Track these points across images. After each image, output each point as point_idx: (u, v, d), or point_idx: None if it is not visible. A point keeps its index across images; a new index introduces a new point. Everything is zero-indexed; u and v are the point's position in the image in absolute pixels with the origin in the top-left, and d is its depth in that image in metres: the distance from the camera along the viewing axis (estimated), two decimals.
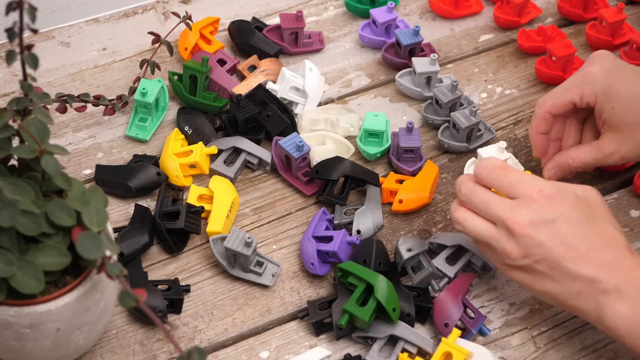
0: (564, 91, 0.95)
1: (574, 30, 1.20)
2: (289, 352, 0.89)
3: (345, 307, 0.87)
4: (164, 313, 0.88)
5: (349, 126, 1.05)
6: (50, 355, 0.80)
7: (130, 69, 1.12)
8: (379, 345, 0.88)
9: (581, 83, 0.94)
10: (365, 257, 0.92)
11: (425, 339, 0.88)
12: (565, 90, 0.95)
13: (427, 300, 0.91)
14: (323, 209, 0.97)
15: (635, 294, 0.79)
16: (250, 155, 1.02)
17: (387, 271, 0.92)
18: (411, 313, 0.89)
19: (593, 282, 0.80)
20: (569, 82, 0.95)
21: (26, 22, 0.71)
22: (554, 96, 0.95)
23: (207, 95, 1.06)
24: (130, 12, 1.19)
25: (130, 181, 0.98)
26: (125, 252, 0.93)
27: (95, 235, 0.73)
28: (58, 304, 0.75)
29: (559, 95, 0.95)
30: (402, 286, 0.91)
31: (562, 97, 0.95)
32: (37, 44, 1.12)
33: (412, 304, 0.90)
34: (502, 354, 0.89)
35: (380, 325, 0.88)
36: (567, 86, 0.95)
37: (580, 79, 0.94)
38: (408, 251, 0.92)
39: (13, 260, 0.73)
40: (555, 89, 0.96)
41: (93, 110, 1.07)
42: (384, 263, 0.92)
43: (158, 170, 0.99)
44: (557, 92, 0.95)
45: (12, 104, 0.77)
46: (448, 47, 1.17)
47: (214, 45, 1.13)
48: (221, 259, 0.93)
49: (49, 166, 0.75)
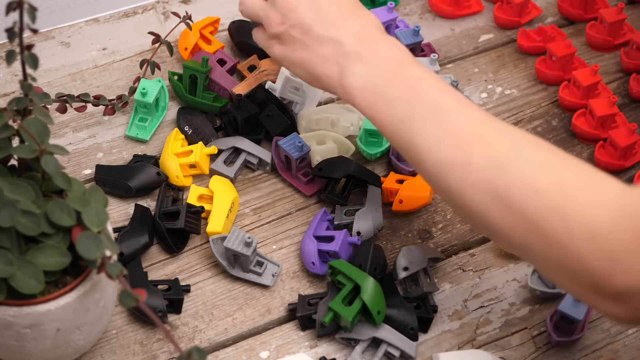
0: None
1: (574, 30, 1.20)
2: (289, 352, 0.89)
3: (331, 304, 0.86)
4: (164, 313, 0.88)
5: (349, 126, 1.05)
6: (50, 355, 0.80)
7: (130, 69, 1.12)
8: (361, 347, 0.88)
9: None
10: (361, 262, 0.91)
11: (408, 343, 0.87)
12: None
13: (427, 310, 0.91)
14: (324, 209, 0.97)
15: (373, 58, 0.83)
16: (250, 155, 1.02)
17: (386, 280, 0.91)
18: (415, 327, 0.89)
19: (338, 44, 0.85)
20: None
21: (26, 22, 0.71)
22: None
23: (207, 95, 1.06)
24: (130, 12, 1.19)
25: (130, 181, 0.98)
26: (125, 252, 0.93)
27: (95, 235, 0.73)
28: (58, 304, 0.75)
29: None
30: (402, 298, 0.91)
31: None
32: (37, 44, 1.12)
33: (415, 316, 0.89)
34: (502, 354, 0.89)
35: (364, 327, 0.88)
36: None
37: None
38: (404, 270, 0.92)
39: (13, 260, 0.73)
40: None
41: (93, 110, 1.07)
42: (380, 269, 0.92)
43: (158, 170, 0.99)
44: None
45: (12, 104, 0.77)
46: (448, 47, 1.17)
47: (214, 45, 1.13)
48: (221, 259, 0.93)
49: (49, 166, 0.75)
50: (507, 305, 0.93)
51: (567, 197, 0.70)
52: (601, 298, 0.70)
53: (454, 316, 0.92)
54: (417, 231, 0.99)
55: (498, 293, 0.94)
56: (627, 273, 0.67)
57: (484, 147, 0.75)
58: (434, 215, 1.00)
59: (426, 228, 0.99)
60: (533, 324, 0.92)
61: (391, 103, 0.80)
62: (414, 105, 0.79)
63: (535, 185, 0.71)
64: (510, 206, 0.72)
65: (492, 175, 0.73)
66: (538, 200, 0.70)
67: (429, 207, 1.01)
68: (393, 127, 0.80)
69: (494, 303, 0.93)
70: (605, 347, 0.91)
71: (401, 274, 0.92)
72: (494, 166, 0.73)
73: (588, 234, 0.68)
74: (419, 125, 0.78)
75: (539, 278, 0.93)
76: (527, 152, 0.74)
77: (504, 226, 0.73)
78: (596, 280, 0.69)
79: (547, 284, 0.93)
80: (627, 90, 1.13)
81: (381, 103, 0.81)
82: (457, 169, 0.75)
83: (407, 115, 0.79)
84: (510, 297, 0.94)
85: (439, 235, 0.99)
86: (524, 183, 0.71)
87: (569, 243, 0.69)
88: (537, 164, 0.73)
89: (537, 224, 0.70)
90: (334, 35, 0.85)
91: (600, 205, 0.69)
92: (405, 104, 0.79)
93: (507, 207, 0.72)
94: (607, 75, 1.15)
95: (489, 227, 0.74)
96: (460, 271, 0.96)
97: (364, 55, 0.83)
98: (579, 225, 0.69)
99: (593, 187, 0.71)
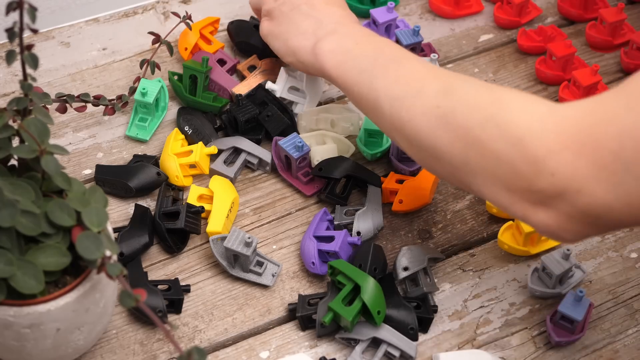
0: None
1: (574, 30, 1.20)
2: (289, 352, 0.89)
3: (331, 304, 0.86)
4: (164, 313, 0.88)
5: (349, 126, 1.05)
6: (50, 355, 0.80)
7: (130, 69, 1.12)
8: (361, 347, 0.88)
9: None
10: (361, 262, 0.91)
11: (408, 343, 0.87)
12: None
13: (427, 310, 0.91)
14: (324, 209, 0.97)
15: (345, 32, 0.93)
16: (250, 155, 1.02)
17: (386, 280, 0.91)
18: (415, 327, 0.89)
19: (319, 22, 0.96)
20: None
21: (26, 22, 0.71)
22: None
23: (207, 95, 1.06)
24: (130, 12, 1.19)
25: (130, 181, 0.98)
26: (125, 252, 0.93)
27: (95, 235, 0.73)
28: (58, 304, 0.75)
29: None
30: (402, 298, 0.91)
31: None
32: (37, 44, 1.12)
33: (415, 316, 0.89)
34: (502, 354, 0.89)
35: (364, 327, 0.88)
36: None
37: None
38: (404, 270, 0.92)
39: (13, 260, 0.73)
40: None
41: (93, 110, 1.07)
42: (380, 269, 0.92)
43: (158, 170, 0.99)
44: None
45: (12, 104, 0.77)
46: (448, 47, 1.17)
47: (214, 45, 1.13)
48: (221, 259, 0.93)
49: (49, 166, 0.75)
50: (507, 305, 0.93)
51: (503, 107, 0.75)
52: (532, 206, 0.74)
53: (454, 316, 0.92)
54: (417, 231, 0.99)
55: (498, 293, 0.94)
56: (551, 175, 0.71)
57: (436, 80, 0.82)
58: (434, 215, 1.00)
59: (426, 228, 0.99)
60: (533, 324, 0.92)
61: (357, 59, 0.89)
62: (377, 58, 0.88)
63: (477, 101, 0.77)
64: (453, 123, 0.78)
65: (440, 100, 0.80)
66: (478, 113, 0.76)
67: (429, 207, 1.01)
68: (357, 78, 0.88)
69: (494, 303, 0.93)
70: (605, 347, 0.91)
71: (401, 274, 0.92)
72: (442, 92, 0.80)
73: (518, 138, 0.73)
74: (379, 72, 0.86)
75: (538, 278, 0.93)
76: (473, 81, 0.82)
77: (446, 144, 0.78)
78: (525, 185, 0.73)
79: (547, 284, 0.93)
80: None
81: (348, 60, 0.90)
82: (409, 100, 0.82)
83: (370, 66, 0.88)
84: (510, 297, 0.94)
85: (439, 235, 0.99)
86: (467, 102, 0.78)
87: (502, 149, 0.74)
88: (481, 86, 0.80)
89: (476, 135, 0.76)
90: (317, 15, 0.96)
91: (532, 112, 0.74)
92: (369, 58, 0.89)
93: (450, 124, 0.78)
94: (607, 75, 1.15)
95: (433, 149, 0.80)
96: (460, 271, 0.96)
97: (340, 31, 0.94)
98: (510, 131, 0.73)
99: (528, 100, 0.76)
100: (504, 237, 0.96)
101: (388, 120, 0.84)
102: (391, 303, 0.89)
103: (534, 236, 0.95)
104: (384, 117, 0.85)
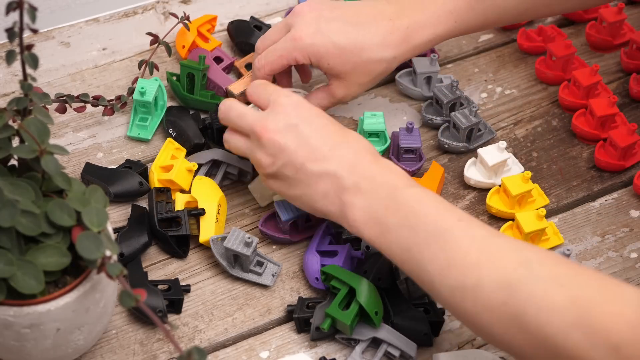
0: (279, 57, 0.97)
1: (574, 30, 1.20)
2: (289, 352, 0.89)
3: (328, 310, 0.86)
4: (164, 313, 0.88)
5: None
6: (50, 355, 0.80)
7: (130, 69, 1.12)
8: (361, 347, 0.88)
9: (292, 50, 0.96)
10: (367, 269, 0.90)
11: (408, 343, 0.87)
12: (280, 56, 0.97)
13: (436, 314, 0.90)
14: (326, 223, 0.96)
15: (370, 186, 0.83)
16: (230, 166, 1.00)
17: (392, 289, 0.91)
18: (428, 332, 0.88)
19: (336, 177, 0.84)
20: (281, 48, 0.97)
21: (26, 22, 0.71)
22: (271, 61, 0.97)
23: (205, 93, 1.06)
24: (130, 12, 1.19)
25: (111, 186, 0.97)
26: (125, 252, 0.92)
27: (95, 235, 0.73)
28: (58, 304, 0.75)
29: (276, 60, 0.97)
30: (412, 305, 0.90)
31: (279, 62, 0.97)
32: (37, 44, 1.12)
33: (426, 321, 0.89)
34: (502, 354, 0.89)
35: (364, 327, 0.88)
36: (280, 52, 0.97)
37: (290, 45, 0.96)
38: None
39: (13, 260, 0.73)
40: (269, 52, 0.97)
41: (93, 111, 1.07)
42: (384, 279, 0.91)
43: (141, 180, 0.98)
44: (272, 57, 0.97)
45: (12, 104, 0.77)
46: (448, 47, 1.17)
47: (211, 43, 1.13)
48: (221, 259, 0.93)
49: (49, 166, 0.75)
50: None
51: (584, 310, 0.69)
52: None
53: None
54: None
55: None
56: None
57: (492, 267, 0.75)
58: None
59: None
60: None
61: (395, 231, 0.80)
62: (417, 231, 0.79)
63: (550, 301, 0.71)
64: (528, 326, 0.71)
65: (505, 296, 0.73)
66: (556, 317, 0.70)
67: None
68: (402, 256, 0.80)
69: None
70: None
71: (403, 273, 0.92)
72: (506, 287, 0.73)
73: (613, 347, 0.68)
74: (425, 251, 0.78)
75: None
76: (535, 268, 0.74)
77: (524, 345, 0.72)
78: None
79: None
80: (627, 90, 1.13)
81: (386, 232, 0.81)
82: (470, 292, 0.75)
83: (412, 242, 0.79)
84: None
85: None
86: (538, 301, 0.71)
87: (596, 357, 0.68)
88: (548, 280, 0.72)
89: (559, 342, 0.70)
90: (329, 168, 0.84)
91: (620, 315, 0.69)
92: (408, 230, 0.80)
93: (525, 326, 0.72)
94: (607, 75, 1.15)
95: (510, 347, 0.74)
96: None
97: (362, 187, 0.83)
98: (602, 339, 0.68)
99: (608, 296, 0.71)
100: None
101: (450, 306, 0.78)
102: (400, 311, 0.89)
103: (534, 236, 0.95)
104: (445, 302, 0.78)
